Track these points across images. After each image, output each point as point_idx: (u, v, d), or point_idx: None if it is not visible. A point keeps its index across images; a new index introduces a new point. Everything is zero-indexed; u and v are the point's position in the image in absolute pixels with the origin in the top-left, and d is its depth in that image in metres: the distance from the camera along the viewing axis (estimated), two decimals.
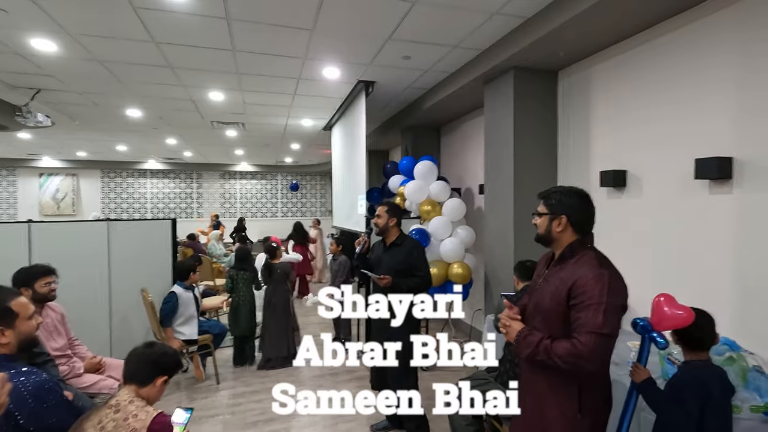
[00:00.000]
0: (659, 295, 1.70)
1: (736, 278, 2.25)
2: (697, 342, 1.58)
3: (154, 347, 1.65)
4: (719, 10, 2.33)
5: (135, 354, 1.63)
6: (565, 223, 1.48)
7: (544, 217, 1.53)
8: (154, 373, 1.59)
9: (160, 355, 1.63)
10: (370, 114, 5.45)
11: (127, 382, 1.58)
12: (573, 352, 1.30)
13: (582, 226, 1.49)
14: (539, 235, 1.56)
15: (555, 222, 1.49)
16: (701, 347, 1.59)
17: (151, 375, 1.58)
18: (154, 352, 1.62)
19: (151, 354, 1.61)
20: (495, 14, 2.89)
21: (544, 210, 1.53)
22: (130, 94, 4.88)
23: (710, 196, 2.38)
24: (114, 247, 3.87)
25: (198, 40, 3.37)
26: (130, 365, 1.60)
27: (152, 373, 1.58)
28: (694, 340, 1.59)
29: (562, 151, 3.58)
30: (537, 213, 1.57)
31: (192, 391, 3.62)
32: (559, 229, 1.49)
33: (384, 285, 2.65)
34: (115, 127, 6.78)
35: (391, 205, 2.86)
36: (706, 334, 1.58)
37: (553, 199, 1.52)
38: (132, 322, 3.95)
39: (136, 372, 1.58)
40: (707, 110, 2.39)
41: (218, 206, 12.67)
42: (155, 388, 1.59)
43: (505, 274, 3.56)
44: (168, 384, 1.67)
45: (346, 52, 3.63)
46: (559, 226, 1.49)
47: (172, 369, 1.67)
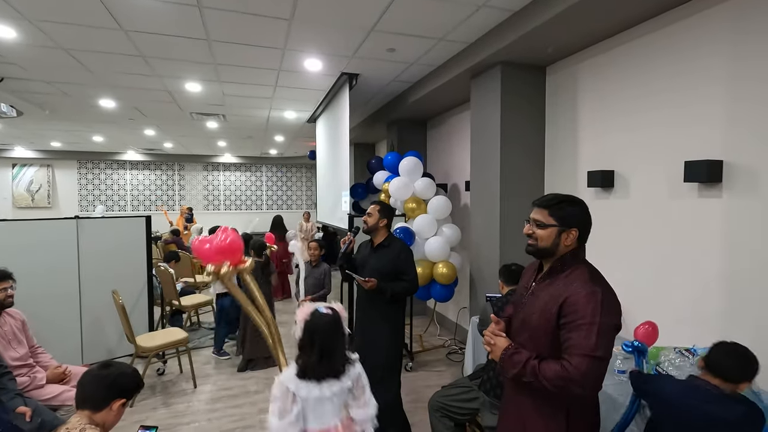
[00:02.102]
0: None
1: (723, 284, 2.21)
2: (713, 366, 1.49)
3: (110, 368, 1.51)
4: (709, 8, 2.25)
5: (88, 376, 1.49)
6: (575, 237, 1.36)
7: (551, 229, 1.36)
8: (110, 397, 1.46)
9: (117, 376, 1.49)
10: (354, 107, 5.31)
11: (80, 407, 1.45)
12: (563, 376, 1.22)
13: (584, 239, 1.39)
14: (540, 247, 1.39)
15: (564, 235, 1.35)
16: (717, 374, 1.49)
17: (108, 399, 1.45)
18: (111, 374, 1.49)
19: (107, 376, 1.48)
20: (482, 6, 2.77)
21: (551, 221, 1.37)
22: (102, 84, 4.64)
23: (699, 200, 2.32)
24: (84, 246, 3.69)
25: (169, 29, 3.18)
26: (83, 389, 1.46)
27: (108, 397, 1.45)
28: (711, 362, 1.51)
29: (550, 150, 3.50)
30: (539, 223, 1.39)
31: (167, 395, 3.49)
32: (568, 242, 1.36)
33: (369, 288, 2.56)
34: (89, 117, 6.50)
35: (384, 206, 2.76)
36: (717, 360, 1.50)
37: (563, 210, 1.36)
38: (105, 326, 3.79)
39: (90, 396, 1.45)
40: (697, 112, 2.33)
41: (201, 198, 12.38)
42: (112, 412, 1.47)
43: (491, 273, 3.49)
44: (126, 407, 1.54)
45: (328, 43, 3.47)
46: (567, 239, 1.36)
47: (131, 391, 1.54)
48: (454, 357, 4.32)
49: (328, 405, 1.55)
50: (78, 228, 3.68)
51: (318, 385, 1.53)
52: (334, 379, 1.56)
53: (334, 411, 1.57)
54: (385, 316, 2.66)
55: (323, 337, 1.56)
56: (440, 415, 2.34)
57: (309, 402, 1.52)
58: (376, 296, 2.60)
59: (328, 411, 1.55)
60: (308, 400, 1.52)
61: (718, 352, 1.51)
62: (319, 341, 1.55)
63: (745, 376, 1.46)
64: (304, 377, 1.53)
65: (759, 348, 1.99)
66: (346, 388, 1.59)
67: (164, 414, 3.19)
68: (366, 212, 2.75)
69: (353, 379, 1.62)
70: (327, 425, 1.54)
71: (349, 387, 1.61)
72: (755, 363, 1.47)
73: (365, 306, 2.74)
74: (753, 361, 1.48)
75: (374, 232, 2.74)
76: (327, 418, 1.54)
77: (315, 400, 1.52)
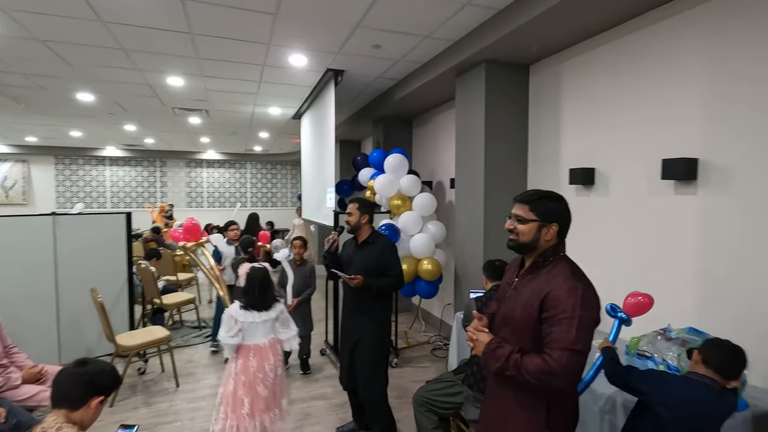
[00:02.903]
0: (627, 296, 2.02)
1: (699, 278, 2.28)
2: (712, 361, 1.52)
3: (86, 365, 1.47)
4: (687, 10, 2.32)
5: (65, 374, 1.45)
6: (554, 232, 1.39)
7: (531, 224, 1.38)
8: (88, 395, 1.42)
9: (94, 374, 1.45)
10: (340, 104, 5.28)
11: (56, 406, 1.41)
12: (544, 369, 1.24)
13: (564, 234, 1.42)
14: (522, 242, 1.41)
15: (544, 230, 1.38)
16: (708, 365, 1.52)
17: (85, 397, 1.42)
18: (87, 371, 1.45)
19: (84, 373, 1.44)
20: (467, 4, 2.79)
21: (532, 216, 1.39)
22: (80, 77, 4.51)
23: (676, 197, 2.39)
24: (61, 243, 3.59)
25: (151, 21, 3.12)
26: (59, 387, 1.42)
27: (86, 395, 1.42)
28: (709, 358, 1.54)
29: (533, 147, 3.55)
30: (520, 218, 1.41)
31: (149, 395, 3.43)
32: (548, 237, 1.38)
33: (355, 285, 2.57)
34: (67, 111, 6.32)
35: (362, 202, 2.74)
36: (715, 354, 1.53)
37: (543, 205, 1.39)
38: (83, 325, 3.70)
39: (66, 394, 1.41)
40: (675, 111, 2.39)
41: (184, 195, 12.18)
42: (90, 410, 1.43)
43: (475, 270, 3.53)
44: (104, 404, 1.50)
45: (313, 38, 3.45)
46: (548, 234, 1.38)
47: (109, 388, 1.51)
48: (439, 353, 4.35)
49: (260, 328, 2.41)
50: (55, 225, 3.58)
51: (252, 314, 2.38)
52: (265, 311, 2.43)
53: (264, 333, 2.43)
54: (371, 313, 2.67)
55: (259, 282, 2.43)
56: (424, 409, 2.36)
57: (246, 325, 2.37)
58: (363, 293, 2.60)
59: (260, 332, 2.41)
60: (245, 323, 2.37)
61: (715, 348, 1.54)
62: (257, 284, 2.42)
63: (738, 374, 1.51)
64: (245, 309, 2.39)
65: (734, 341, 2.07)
66: (273, 318, 2.47)
67: (145, 413, 3.14)
68: (346, 212, 2.73)
69: (278, 312, 2.50)
70: (257, 342, 2.41)
71: (275, 317, 2.47)
72: (745, 362, 1.52)
73: (352, 303, 2.74)
74: (744, 360, 1.53)
75: (358, 230, 2.73)
76: (258, 338, 2.41)
77: (249, 324, 2.38)
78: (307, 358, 3.90)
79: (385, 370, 2.74)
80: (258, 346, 2.39)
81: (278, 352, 2.49)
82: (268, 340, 2.43)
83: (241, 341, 2.35)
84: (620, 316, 1.95)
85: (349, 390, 2.84)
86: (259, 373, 2.35)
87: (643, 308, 2.02)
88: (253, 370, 2.35)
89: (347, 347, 2.73)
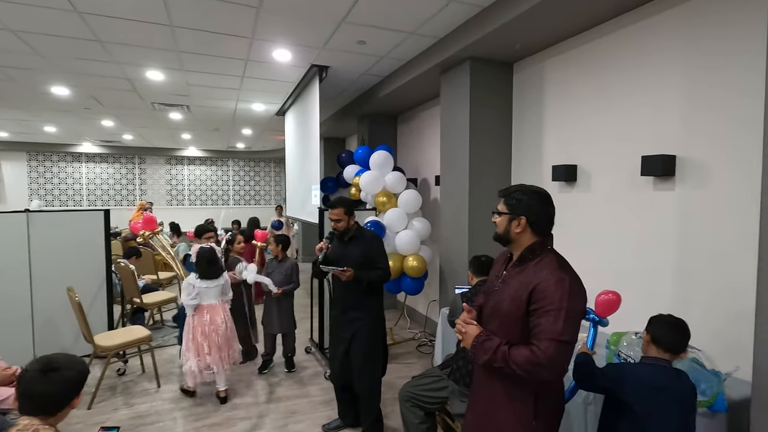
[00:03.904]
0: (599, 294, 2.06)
1: (677, 271, 2.35)
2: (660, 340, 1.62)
3: (58, 369, 1.34)
4: (666, 10, 2.37)
5: (36, 385, 1.29)
6: (524, 224, 1.43)
7: (504, 217, 1.46)
8: (69, 399, 1.36)
9: (70, 375, 1.36)
10: (324, 100, 5.25)
11: (32, 414, 1.30)
12: (532, 360, 1.26)
13: (541, 228, 1.44)
14: (498, 234, 1.50)
15: (514, 222, 1.44)
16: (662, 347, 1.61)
17: (65, 401, 1.35)
18: (62, 375, 1.33)
19: (60, 379, 1.32)
20: (452, 1, 2.80)
21: (504, 209, 1.47)
22: (54, 69, 4.36)
23: (654, 192, 2.45)
24: (35, 241, 3.47)
25: (128, 12, 3.03)
26: (33, 400, 1.30)
27: (66, 400, 1.35)
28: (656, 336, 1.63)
29: (517, 144, 3.59)
30: (497, 212, 1.50)
31: (129, 395, 3.35)
32: (518, 230, 1.43)
33: (346, 278, 2.57)
34: (40, 105, 6.11)
35: (346, 204, 2.72)
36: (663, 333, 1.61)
37: (514, 198, 1.46)
38: (59, 325, 3.59)
39: (44, 406, 1.31)
40: (654, 109, 2.45)
41: (164, 193, 11.93)
42: (70, 408, 1.38)
43: (461, 266, 3.56)
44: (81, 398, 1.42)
45: (298, 33, 3.41)
46: (518, 227, 1.43)
47: (80, 384, 1.41)
48: (424, 349, 4.37)
49: (211, 292, 3.20)
50: (29, 222, 3.46)
51: (205, 282, 3.17)
52: (214, 279, 3.21)
53: (215, 296, 3.22)
54: (364, 306, 2.67)
55: (206, 258, 3.19)
56: (410, 404, 2.37)
57: (201, 290, 3.16)
58: (354, 287, 2.61)
59: (212, 295, 3.20)
60: (201, 289, 3.16)
61: (660, 327, 1.64)
62: (205, 260, 3.19)
63: (684, 347, 1.61)
64: (200, 278, 3.17)
65: (707, 332, 2.14)
66: (221, 284, 3.25)
67: (126, 414, 3.06)
68: (332, 219, 2.68)
69: (225, 280, 3.30)
70: (210, 302, 3.20)
71: (222, 284, 3.26)
72: (689, 333, 1.64)
73: (344, 298, 2.73)
74: (688, 331, 1.64)
75: (349, 232, 2.73)
76: (211, 299, 3.20)
77: (204, 289, 3.17)
78: (292, 356, 3.87)
79: (381, 362, 2.78)
80: (211, 306, 3.20)
81: (226, 310, 3.29)
82: (218, 301, 3.23)
83: (198, 302, 3.16)
84: (592, 318, 1.98)
85: (340, 385, 2.83)
86: (212, 324, 3.15)
87: (612, 305, 2.05)
88: (207, 323, 3.14)
89: (341, 342, 2.71)
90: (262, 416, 3.07)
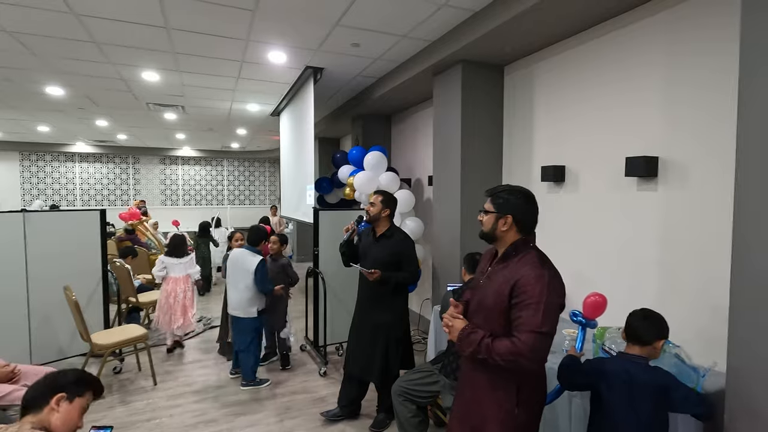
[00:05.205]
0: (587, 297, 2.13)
1: (659, 270, 2.43)
2: (633, 334, 1.69)
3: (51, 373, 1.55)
4: (648, 17, 2.46)
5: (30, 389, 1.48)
6: (510, 223, 1.50)
7: (491, 215, 1.54)
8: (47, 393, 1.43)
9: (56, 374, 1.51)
10: (319, 101, 5.30)
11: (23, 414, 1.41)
12: (513, 351, 1.33)
13: (526, 226, 1.52)
14: (484, 232, 1.57)
15: (501, 221, 1.51)
16: (635, 340, 1.68)
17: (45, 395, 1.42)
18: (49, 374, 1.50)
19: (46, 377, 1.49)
20: (444, 5, 2.87)
21: (491, 208, 1.54)
22: (49, 69, 4.38)
23: (638, 192, 2.53)
24: (32, 240, 3.49)
25: (125, 14, 3.07)
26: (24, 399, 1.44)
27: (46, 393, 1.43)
28: (630, 332, 1.70)
29: (507, 146, 3.67)
30: (484, 210, 1.57)
31: (125, 393, 3.39)
32: (504, 228, 1.51)
33: (373, 279, 2.63)
34: (33, 105, 6.11)
35: (386, 195, 2.78)
36: (634, 325, 1.69)
37: (501, 198, 1.53)
38: (55, 324, 3.61)
39: (30, 399, 1.43)
40: (638, 112, 2.53)
41: (158, 193, 11.90)
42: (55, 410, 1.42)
43: (453, 265, 3.63)
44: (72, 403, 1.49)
45: (293, 36, 3.46)
46: (504, 225, 1.51)
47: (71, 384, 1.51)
48: (417, 346, 4.44)
49: (176, 268, 4.23)
50: (25, 222, 3.48)
51: (172, 260, 4.23)
52: (180, 257, 4.27)
53: (180, 270, 4.24)
54: (388, 304, 2.74)
55: (176, 243, 4.30)
56: (403, 399, 2.43)
57: (169, 265, 4.22)
58: (379, 287, 2.66)
59: (179, 269, 4.24)
60: (170, 264, 4.23)
61: (632, 321, 1.71)
62: (174, 244, 4.30)
63: (659, 334, 1.68)
64: (169, 256, 4.24)
65: (689, 328, 2.22)
66: (186, 261, 4.29)
67: (122, 412, 3.10)
68: (369, 201, 2.77)
69: (189, 258, 4.35)
70: (175, 276, 4.21)
71: (186, 261, 4.29)
72: (664, 321, 1.70)
73: (368, 296, 2.80)
74: (662, 319, 1.70)
75: (377, 222, 2.77)
76: (176, 273, 4.22)
77: (172, 264, 4.22)
78: (287, 353, 3.92)
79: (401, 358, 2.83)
80: (175, 278, 4.22)
81: (188, 282, 4.30)
82: (181, 275, 4.25)
83: (166, 275, 4.21)
84: (580, 320, 2.08)
85: (350, 376, 2.89)
86: (174, 293, 4.18)
87: (599, 307, 2.14)
88: (173, 291, 4.18)
89: (364, 337, 2.77)
90: (257, 412, 3.12)
